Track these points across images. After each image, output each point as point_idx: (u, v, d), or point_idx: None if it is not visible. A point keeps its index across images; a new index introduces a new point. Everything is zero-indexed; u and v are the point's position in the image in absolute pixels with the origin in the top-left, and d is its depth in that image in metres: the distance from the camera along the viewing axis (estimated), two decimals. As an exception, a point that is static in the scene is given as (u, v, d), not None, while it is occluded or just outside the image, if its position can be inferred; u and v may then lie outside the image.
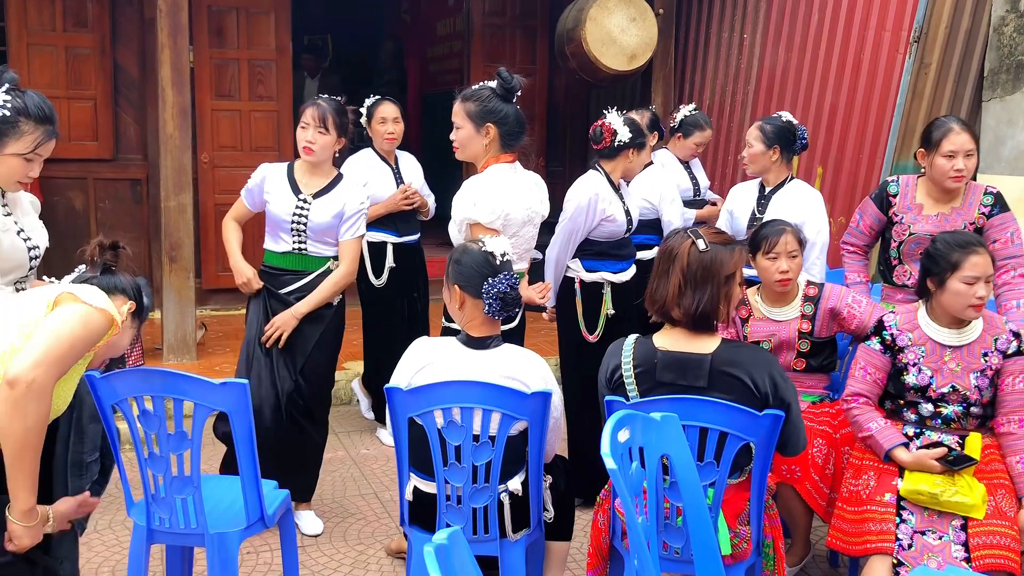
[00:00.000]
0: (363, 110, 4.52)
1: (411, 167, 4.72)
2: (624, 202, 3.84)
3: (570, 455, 3.92)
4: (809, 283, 3.35)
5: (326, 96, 3.60)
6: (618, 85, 6.75)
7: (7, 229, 2.55)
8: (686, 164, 4.97)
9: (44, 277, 2.69)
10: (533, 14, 7.45)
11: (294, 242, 3.53)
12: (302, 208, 3.50)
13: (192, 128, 5.59)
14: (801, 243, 3.28)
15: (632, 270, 3.92)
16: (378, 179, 4.55)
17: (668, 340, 2.50)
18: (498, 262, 2.66)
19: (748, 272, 3.17)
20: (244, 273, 3.59)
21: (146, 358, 5.36)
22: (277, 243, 3.57)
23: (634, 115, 4.08)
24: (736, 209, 4.11)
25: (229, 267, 6.93)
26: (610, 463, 1.96)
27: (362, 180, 4.44)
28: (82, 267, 2.43)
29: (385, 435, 4.76)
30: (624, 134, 3.75)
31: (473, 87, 3.22)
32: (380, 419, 4.81)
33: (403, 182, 4.60)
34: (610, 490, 2.68)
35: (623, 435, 2.14)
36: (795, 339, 3.28)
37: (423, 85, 10.10)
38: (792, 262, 3.23)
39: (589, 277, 3.81)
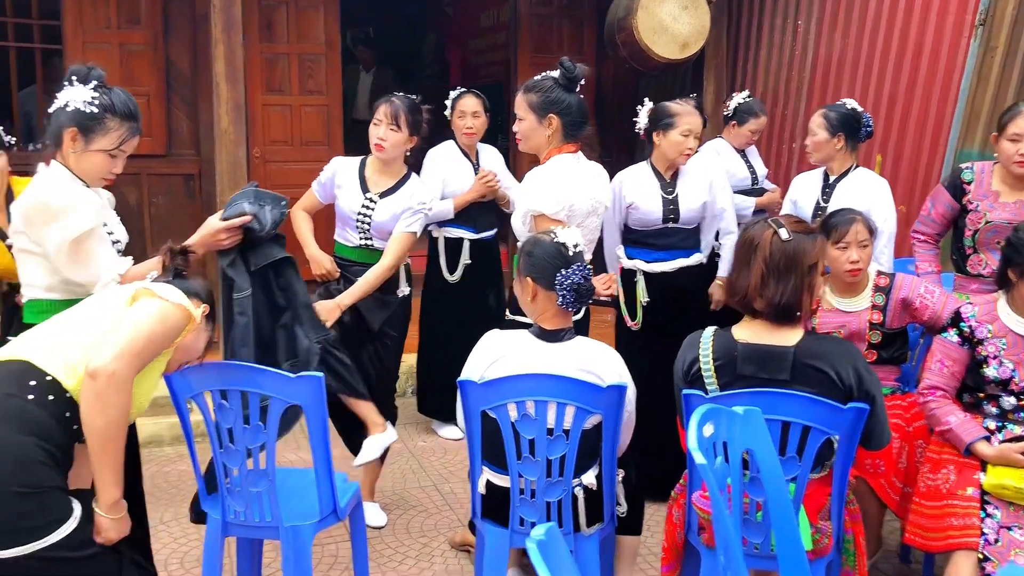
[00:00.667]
0: (448, 102, 4.50)
1: (492, 160, 4.68)
2: (667, 192, 3.81)
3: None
4: (880, 273, 3.29)
5: (401, 94, 3.58)
6: (668, 74, 6.68)
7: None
8: (742, 152, 4.89)
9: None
10: (581, 3, 7.38)
11: (361, 237, 3.57)
12: (367, 207, 3.52)
13: (244, 123, 5.62)
14: (872, 232, 3.22)
15: (676, 262, 3.87)
16: (457, 173, 4.53)
17: (749, 332, 2.45)
18: (571, 253, 2.64)
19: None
20: (323, 264, 3.58)
21: (206, 354, 5.40)
22: (346, 237, 3.60)
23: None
24: (800, 199, 4.04)
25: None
26: (699, 458, 1.93)
27: (441, 172, 4.46)
28: (153, 273, 2.44)
29: (446, 430, 4.75)
30: (641, 121, 3.84)
31: (536, 77, 3.19)
32: (430, 414, 4.80)
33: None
34: (685, 484, 2.65)
35: (708, 430, 2.11)
36: (865, 330, 3.22)
37: (465, 78, 10.06)
38: (862, 252, 3.17)
39: (627, 264, 3.89)
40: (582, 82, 3.19)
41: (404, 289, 3.65)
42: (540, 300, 2.66)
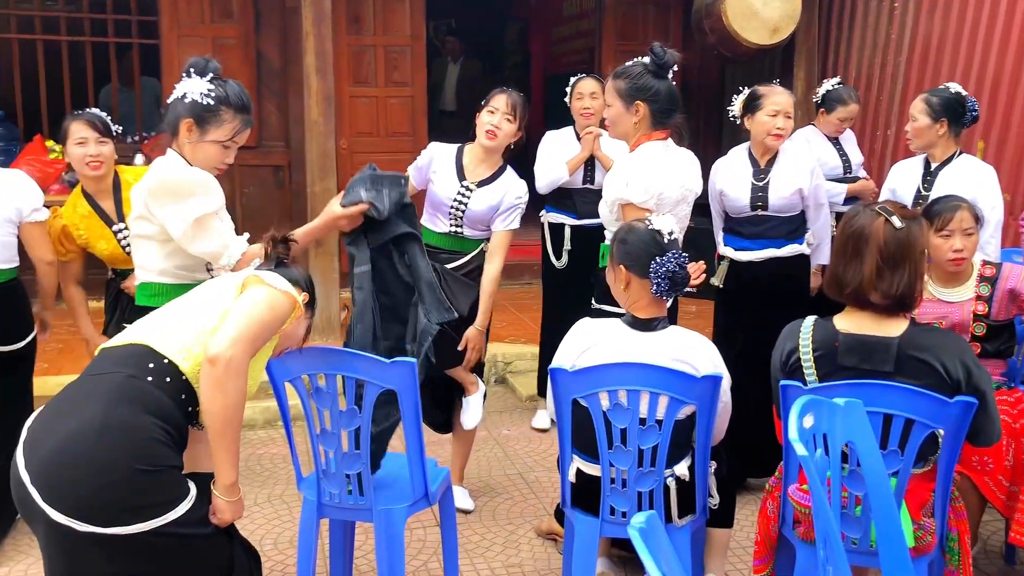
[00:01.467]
0: (567, 88, 4.51)
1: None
2: (758, 179, 3.74)
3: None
4: (985, 262, 3.16)
5: (512, 90, 3.61)
6: (756, 61, 6.54)
7: None
8: (835, 140, 4.76)
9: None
10: (667, -10, 7.29)
11: (451, 225, 3.58)
12: (463, 195, 3.54)
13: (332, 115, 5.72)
14: (977, 220, 3.09)
15: (764, 252, 3.79)
16: (569, 157, 4.49)
17: (851, 322, 2.38)
18: (665, 240, 2.61)
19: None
20: None
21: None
22: (435, 223, 3.61)
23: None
24: (899, 187, 3.91)
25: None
26: (800, 449, 1.89)
27: (557, 154, 4.46)
28: (256, 261, 2.50)
29: (538, 419, 4.75)
30: (736, 108, 3.85)
31: (627, 64, 3.15)
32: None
33: (596, 163, 4.47)
34: (780, 477, 2.59)
35: (808, 421, 2.07)
36: (969, 322, 3.09)
37: (548, 66, 10.05)
38: (967, 240, 3.04)
39: (722, 250, 3.92)
40: (674, 68, 3.14)
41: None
42: (633, 288, 2.63)
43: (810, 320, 2.44)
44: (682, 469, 2.62)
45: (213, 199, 2.61)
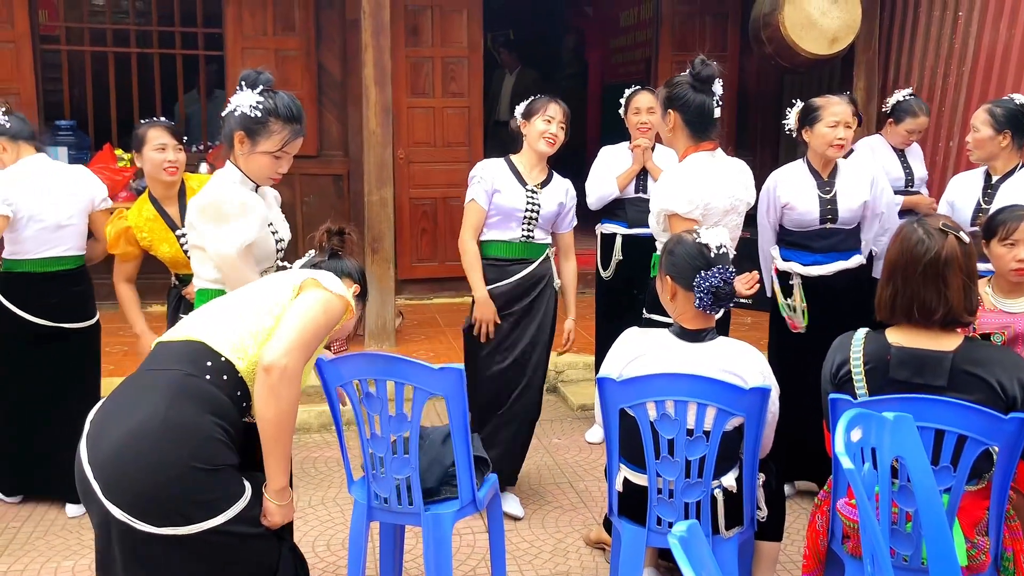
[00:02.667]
0: (621, 101, 4.54)
1: (667, 159, 4.46)
2: (824, 191, 3.70)
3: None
4: (1049, 273, 3.09)
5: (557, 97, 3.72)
6: (814, 71, 6.47)
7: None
8: (900, 152, 4.70)
9: (278, 262, 2.87)
10: (724, 0, 7.26)
11: (523, 231, 3.67)
12: (533, 197, 3.66)
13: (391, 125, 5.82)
14: None
15: (834, 265, 3.74)
16: (623, 170, 4.50)
17: (904, 336, 2.35)
18: (712, 254, 2.60)
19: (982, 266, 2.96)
20: (489, 311, 3.66)
21: (349, 344, 5.63)
22: (506, 232, 3.68)
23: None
24: (958, 200, 3.84)
25: (424, 258, 7.19)
26: (846, 463, 1.88)
27: (612, 169, 4.49)
28: (312, 252, 2.57)
29: (591, 433, 4.76)
30: (791, 121, 3.82)
31: (681, 75, 3.18)
32: None
33: (648, 177, 4.45)
34: (829, 491, 2.57)
35: (855, 435, 2.05)
36: (1031, 333, 3.03)
37: (605, 77, 10.07)
38: None
39: (782, 266, 3.80)
40: (714, 81, 3.14)
41: (557, 280, 3.83)
42: (680, 299, 2.64)
43: (861, 332, 2.42)
44: (729, 480, 2.61)
45: (251, 223, 2.66)
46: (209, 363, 2.10)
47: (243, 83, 2.68)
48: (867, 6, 5.88)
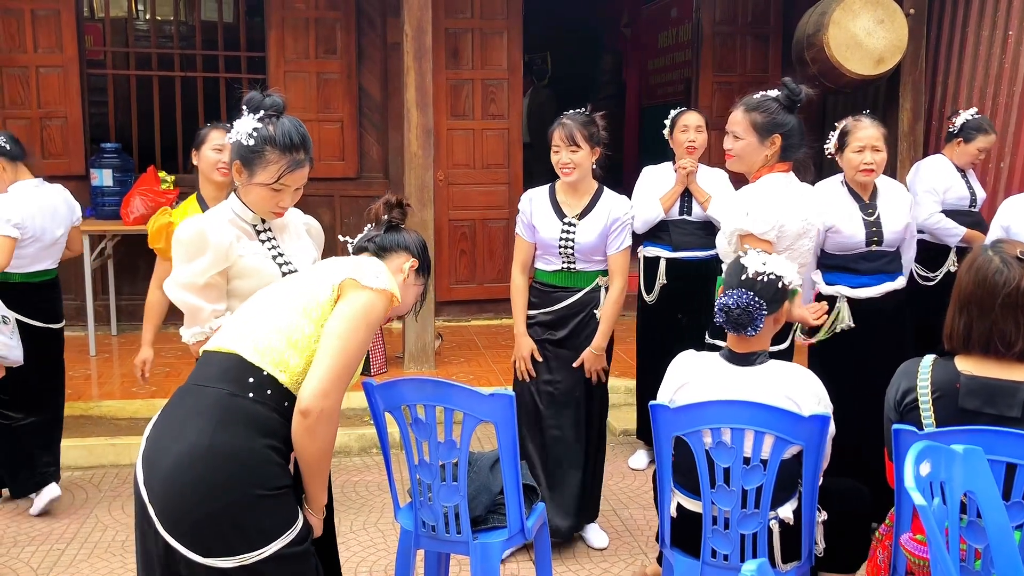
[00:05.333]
0: (667, 121, 4.49)
1: (714, 180, 4.42)
2: (867, 213, 3.63)
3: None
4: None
5: (571, 111, 3.55)
6: (858, 91, 6.39)
7: (256, 253, 2.57)
8: (963, 172, 4.63)
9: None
10: (766, 20, 7.21)
11: (563, 262, 3.58)
12: (568, 231, 3.53)
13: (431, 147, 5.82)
14: None
15: (882, 287, 3.66)
16: (665, 191, 4.43)
17: (974, 364, 2.26)
18: (744, 276, 2.56)
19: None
20: (523, 349, 3.63)
21: (389, 366, 5.61)
22: (547, 263, 3.62)
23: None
24: (1013, 223, 3.74)
25: (463, 280, 7.15)
26: (918, 499, 1.81)
27: (654, 190, 4.41)
28: (369, 227, 2.47)
29: (636, 458, 4.69)
30: (831, 145, 3.74)
31: (756, 97, 3.10)
32: (646, 438, 4.65)
33: (692, 199, 4.38)
34: (891, 525, 2.48)
35: (924, 468, 1.98)
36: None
37: (643, 98, 10.04)
38: None
39: (827, 290, 3.70)
40: (801, 104, 3.10)
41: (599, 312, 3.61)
42: (724, 320, 2.59)
43: (928, 359, 2.33)
44: (786, 512, 2.53)
45: (199, 265, 2.51)
46: (251, 379, 2.02)
47: (245, 107, 2.44)
48: (914, 26, 5.80)
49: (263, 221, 2.60)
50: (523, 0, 6.86)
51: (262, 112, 2.43)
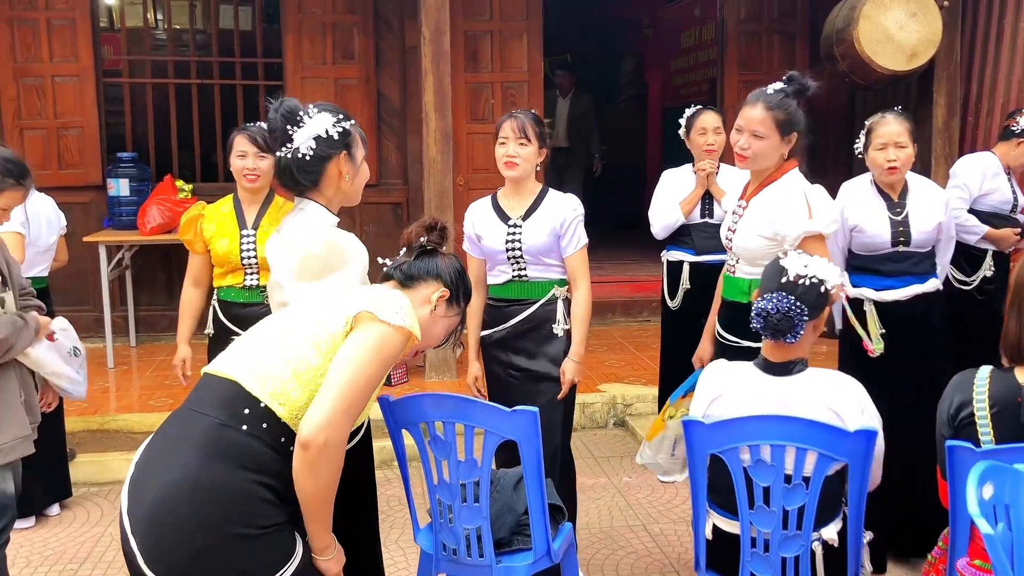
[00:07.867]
0: (681, 121, 4.35)
1: (733, 179, 4.19)
2: (895, 213, 3.46)
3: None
4: None
5: (524, 109, 3.36)
6: (888, 88, 6.19)
7: None
8: (1009, 174, 4.44)
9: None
10: (792, 17, 7.04)
11: (513, 271, 3.28)
12: (513, 233, 3.25)
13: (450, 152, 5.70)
14: None
15: (909, 289, 3.49)
16: (686, 195, 4.31)
17: (1037, 376, 2.11)
18: (785, 279, 2.41)
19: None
20: (470, 373, 3.41)
21: (410, 376, 5.49)
22: (497, 276, 3.34)
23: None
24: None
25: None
26: (985, 527, 1.65)
27: (674, 194, 4.29)
28: (403, 251, 2.33)
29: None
30: (859, 144, 3.58)
31: (769, 93, 2.95)
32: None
33: (713, 201, 4.25)
34: (944, 548, 2.32)
35: (987, 491, 1.82)
36: None
37: (666, 99, 9.88)
38: None
39: (852, 292, 3.54)
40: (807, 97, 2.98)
41: (563, 325, 3.27)
42: (762, 326, 2.44)
43: (985, 371, 2.17)
44: (830, 533, 2.38)
45: (352, 272, 2.43)
46: (247, 411, 1.89)
47: (295, 115, 2.46)
48: (948, 18, 5.60)
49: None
50: (543, 1, 6.74)
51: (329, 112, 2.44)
